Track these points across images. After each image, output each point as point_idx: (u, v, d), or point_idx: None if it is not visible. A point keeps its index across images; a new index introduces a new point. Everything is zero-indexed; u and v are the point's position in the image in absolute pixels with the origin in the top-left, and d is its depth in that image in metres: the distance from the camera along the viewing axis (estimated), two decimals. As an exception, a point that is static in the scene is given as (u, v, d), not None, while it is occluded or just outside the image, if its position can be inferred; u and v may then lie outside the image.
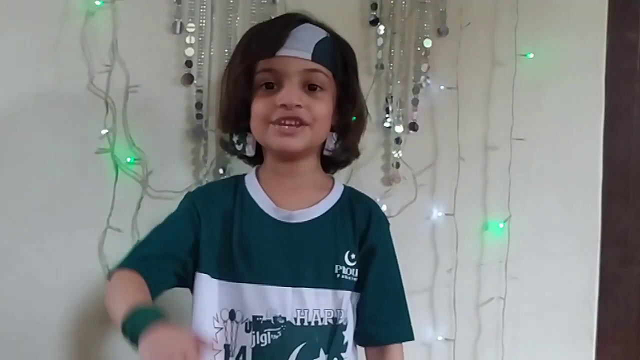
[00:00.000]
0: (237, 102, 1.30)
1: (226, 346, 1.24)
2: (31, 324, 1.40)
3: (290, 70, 1.25)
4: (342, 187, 1.36)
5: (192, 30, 1.45)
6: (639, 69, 1.73)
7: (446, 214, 1.57)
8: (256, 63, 1.27)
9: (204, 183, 1.45)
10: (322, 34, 1.30)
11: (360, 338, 1.32)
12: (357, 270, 1.29)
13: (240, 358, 1.23)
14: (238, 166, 1.45)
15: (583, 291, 1.66)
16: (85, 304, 1.42)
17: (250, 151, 1.33)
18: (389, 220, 1.45)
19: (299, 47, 1.26)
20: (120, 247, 1.41)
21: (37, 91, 1.40)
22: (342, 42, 1.35)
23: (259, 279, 1.24)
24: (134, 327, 1.05)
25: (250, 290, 1.24)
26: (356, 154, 1.39)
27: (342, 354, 1.28)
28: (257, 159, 1.36)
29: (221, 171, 1.47)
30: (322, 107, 1.27)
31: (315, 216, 1.30)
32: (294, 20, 1.30)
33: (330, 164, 1.38)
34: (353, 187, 1.40)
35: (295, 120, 1.25)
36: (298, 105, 1.24)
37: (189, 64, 1.45)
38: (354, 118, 1.34)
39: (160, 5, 1.45)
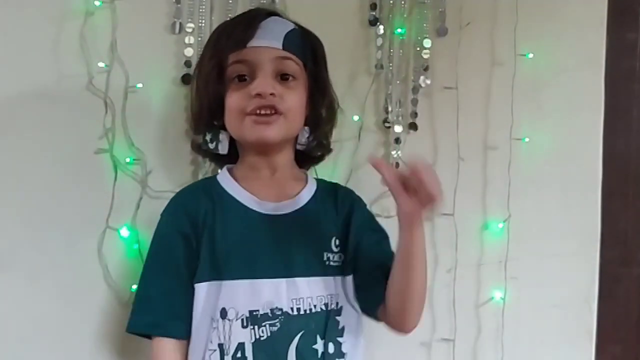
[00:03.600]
0: (209, 99, 1.29)
1: (220, 345, 1.22)
2: (31, 324, 1.40)
3: (263, 59, 1.25)
4: (315, 179, 1.37)
5: (191, 30, 1.45)
6: (638, 69, 1.73)
7: (446, 214, 1.57)
8: (227, 57, 1.27)
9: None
10: (291, 25, 1.31)
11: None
12: (341, 255, 1.30)
13: (239, 355, 1.21)
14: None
15: (583, 291, 1.66)
16: (85, 304, 1.42)
17: (223, 148, 1.32)
18: (390, 220, 1.45)
19: (269, 37, 1.26)
20: (120, 247, 1.42)
21: (36, 91, 1.40)
22: (310, 34, 1.35)
23: (251, 273, 1.23)
24: None
25: (243, 286, 1.23)
26: (328, 149, 1.39)
27: (339, 339, 1.28)
28: (228, 159, 1.34)
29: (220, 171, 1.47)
30: (294, 97, 1.27)
31: (300, 206, 1.30)
32: (261, 13, 1.31)
33: (305, 160, 1.38)
34: (352, 186, 1.40)
35: (270, 108, 1.24)
36: (272, 94, 1.24)
37: (188, 64, 1.45)
38: (324, 113, 1.34)
39: (160, 5, 1.45)
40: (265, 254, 1.25)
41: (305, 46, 1.31)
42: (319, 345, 1.25)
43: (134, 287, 1.42)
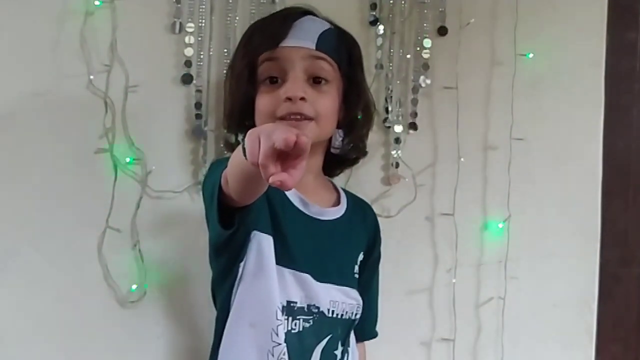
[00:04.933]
0: (241, 99, 1.27)
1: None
2: (31, 324, 1.40)
3: (294, 59, 1.22)
4: (342, 190, 1.36)
5: (191, 30, 1.45)
6: (639, 69, 1.73)
7: (446, 214, 1.57)
8: (259, 56, 1.25)
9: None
10: (326, 25, 1.28)
11: (360, 333, 1.36)
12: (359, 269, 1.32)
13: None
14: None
15: (583, 291, 1.66)
16: (85, 304, 1.42)
17: None
18: (390, 220, 1.45)
19: (303, 37, 1.24)
20: (120, 247, 1.42)
21: (36, 91, 1.40)
22: (346, 34, 1.33)
23: (295, 265, 1.21)
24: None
25: (287, 274, 1.20)
26: (364, 152, 1.38)
27: (348, 349, 1.30)
28: None
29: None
30: (327, 101, 1.24)
31: (340, 215, 1.29)
32: (296, 12, 1.28)
33: (337, 163, 1.36)
34: (352, 186, 1.40)
35: (300, 114, 1.21)
36: (302, 99, 1.21)
37: (188, 63, 1.45)
38: (360, 116, 1.32)
39: (160, 5, 1.45)
40: (307, 253, 1.22)
41: (340, 46, 1.28)
42: (339, 352, 1.26)
43: (134, 287, 1.43)
